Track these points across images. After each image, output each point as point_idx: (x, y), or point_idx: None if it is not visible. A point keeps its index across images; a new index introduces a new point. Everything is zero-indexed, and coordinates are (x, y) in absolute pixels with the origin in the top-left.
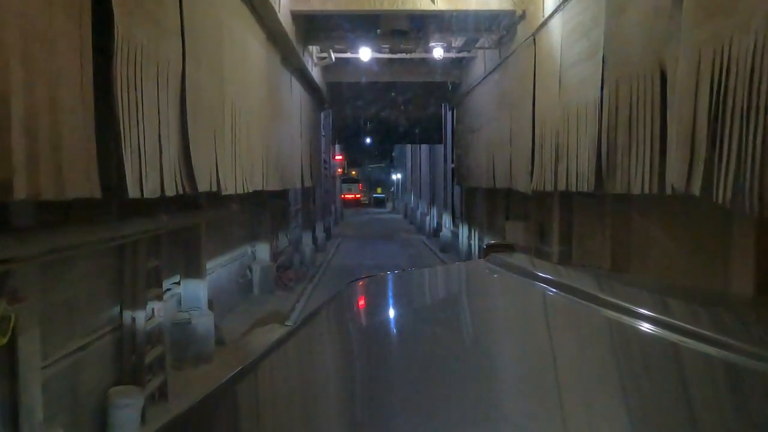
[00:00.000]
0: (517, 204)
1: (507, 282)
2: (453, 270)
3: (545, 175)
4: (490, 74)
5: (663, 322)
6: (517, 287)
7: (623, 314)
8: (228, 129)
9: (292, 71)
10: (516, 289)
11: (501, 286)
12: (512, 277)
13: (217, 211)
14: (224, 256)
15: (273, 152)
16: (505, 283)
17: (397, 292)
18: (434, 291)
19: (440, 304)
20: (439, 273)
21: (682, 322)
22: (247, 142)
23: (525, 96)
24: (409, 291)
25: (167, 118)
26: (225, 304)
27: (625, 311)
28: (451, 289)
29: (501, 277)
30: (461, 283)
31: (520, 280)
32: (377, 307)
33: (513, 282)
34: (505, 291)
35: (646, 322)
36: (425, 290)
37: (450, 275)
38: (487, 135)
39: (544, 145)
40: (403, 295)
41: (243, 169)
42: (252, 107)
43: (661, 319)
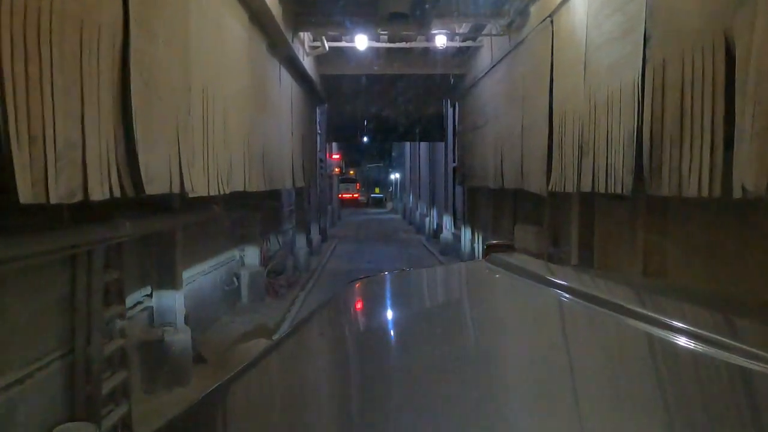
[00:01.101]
0: (526, 206)
1: (507, 282)
2: (453, 270)
3: (565, 175)
4: (498, 64)
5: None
6: (518, 287)
7: (623, 314)
8: (198, 119)
9: (281, 60)
10: (516, 289)
11: (501, 286)
12: (512, 277)
13: (196, 214)
14: (207, 263)
15: (257, 148)
16: (505, 283)
17: (396, 293)
18: (434, 291)
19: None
20: (439, 273)
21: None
22: (224, 136)
23: (540, 85)
24: (408, 291)
25: (96, 98)
26: (208, 315)
27: (625, 311)
28: (451, 289)
29: (501, 277)
30: (461, 283)
31: (520, 280)
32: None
33: (513, 282)
34: (506, 291)
35: (646, 323)
36: (425, 290)
37: (450, 275)
38: (495, 131)
39: (564, 140)
40: (402, 296)
41: (219, 167)
42: (231, 96)
43: (661, 319)
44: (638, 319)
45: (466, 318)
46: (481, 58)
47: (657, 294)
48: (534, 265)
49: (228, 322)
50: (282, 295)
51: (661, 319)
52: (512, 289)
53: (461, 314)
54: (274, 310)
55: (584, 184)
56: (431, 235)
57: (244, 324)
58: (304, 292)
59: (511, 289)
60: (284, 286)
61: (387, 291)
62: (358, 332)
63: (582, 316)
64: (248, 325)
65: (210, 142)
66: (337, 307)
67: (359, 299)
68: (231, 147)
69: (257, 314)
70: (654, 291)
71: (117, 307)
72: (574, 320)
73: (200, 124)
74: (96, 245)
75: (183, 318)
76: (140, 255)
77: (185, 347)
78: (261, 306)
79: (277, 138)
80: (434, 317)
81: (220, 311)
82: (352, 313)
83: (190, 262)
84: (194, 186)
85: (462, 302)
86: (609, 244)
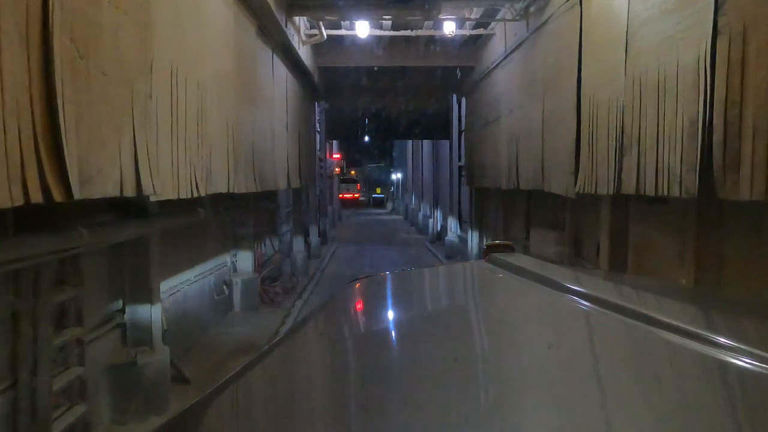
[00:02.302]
0: (542, 208)
1: (507, 282)
2: (453, 270)
3: (598, 174)
4: (512, 52)
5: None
6: (518, 287)
7: (623, 314)
8: (164, 105)
9: (273, 48)
10: (516, 289)
11: (501, 286)
12: (512, 277)
13: (177, 218)
14: (193, 271)
15: (245, 145)
16: (505, 283)
17: (396, 292)
18: (434, 291)
19: (440, 304)
20: (438, 273)
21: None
22: (201, 128)
23: (566, 73)
24: (408, 291)
25: None
26: (195, 328)
27: (626, 311)
28: (450, 289)
29: (501, 277)
30: (461, 283)
31: (520, 280)
32: (377, 307)
33: (513, 282)
34: (505, 291)
35: (646, 323)
36: (425, 290)
37: (450, 275)
38: (509, 126)
39: (596, 133)
40: (402, 295)
41: (194, 165)
42: (211, 82)
43: (661, 319)
44: (638, 320)
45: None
46: (492, 48)
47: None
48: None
49: (218, 335)
50: (278, 303)
51: (661, 319)
52: (512, 289)
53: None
54: (269, 320)
55: (626, 185)
56: (435, 237)
57: (239, 335)
58: (302, 300)
59: (510, 289)
60: (280, 293)
61: (387, 291)
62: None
63: (582, 316)
64: (243, 337)
65: (181, 135)
66: (337, 307)
67: (359, 299)
68: (211, 142)
69: (250, 325)
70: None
71: (74, 330)
72: (573, 320)
73: (167, 111)
74: (43, 259)
75: (160, 335)
76: (110, 266)
77: (162, 369)
78: (254, 315)
79: (269, 134)
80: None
81: (209, 323)
82: (351, 313)
83: (174, 270)
84: (157, 187)
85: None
86: (647, 253)
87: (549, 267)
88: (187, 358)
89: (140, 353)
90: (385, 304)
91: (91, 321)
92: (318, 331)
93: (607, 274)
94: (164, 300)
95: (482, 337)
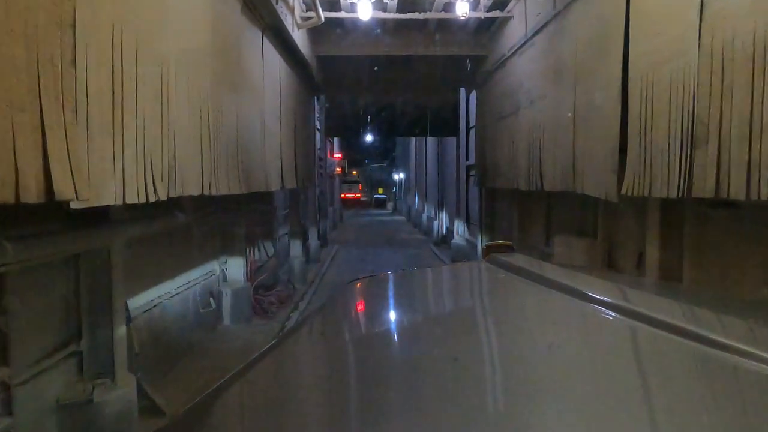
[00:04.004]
0: (565, 211)
1: (507, 282)
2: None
3: (653, 173)
4: (535, 35)
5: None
6: (518, 288)
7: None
8: (99, 79)
9: (263, 30)
10: (516, 290)
11: (501, 286)
12: (512, 278)
13: (145, 225)
14: (174, 282)
15: (227, 139)
16: (505, 283)
17: (397, 293)
18: (434, 291)
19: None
20: (438, 273)
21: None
22: (163, 114)
23: (607, 53)
24: (408, 291)
25: None
26: (176, 347)
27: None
28: (450, 290)
29: (501, 277)
30: (461, 283)
31: (520, 281)
32: (377, 307)
33: (513, 282)
34: (506, 291)
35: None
36: (425, 290)
37: (450, 275)
38: (529, 120)
39: (652, 123)
40: (402, 296)
41: (152, 162)
42: (178, 58)
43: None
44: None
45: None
46: (509, 33)
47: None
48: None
49: (203, 353)
50: (272, 315)
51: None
52: (512, 289)
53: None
54: (261, 334)
55: (698, 186)
56: (440, 240)
57: (227, 352)
58: (298, 311)
59: (510, 290)
60: (275, 303)
61: (387, 291)
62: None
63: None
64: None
65: (130, 121)
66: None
67: (359, 299)
68: (177, 132)
69: (240, 340)
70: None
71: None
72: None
73: (105, 88)
74: None
75: (126, 362)
76: (62, 284)
77: (127, 404)
78: (246, 329)
79: (258, 128)
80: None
81: (194, 340)
82: (351, 313)
83: (149, 283)
84: (82, 191)
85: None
86: (711, 266)
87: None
88: (165, 383)
89: (99, 387)
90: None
91: (32, 354)
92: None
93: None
94: (137, 318)
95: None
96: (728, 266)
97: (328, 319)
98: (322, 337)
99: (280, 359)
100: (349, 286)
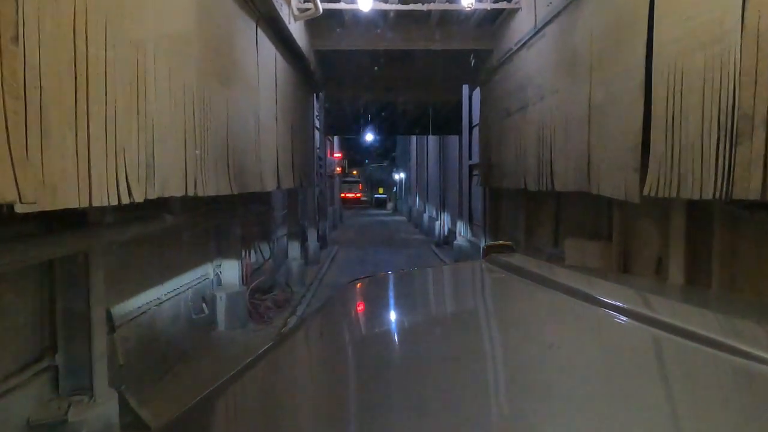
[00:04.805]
0: (575, 212)
1: (507, 282)
2: (452, 270)
3: (682, 170)
4: (545, 27)
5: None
6: (517, 288)
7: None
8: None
9: (258, 19)
10: (516, 290)
11: (501, 286)
12: (512, 278)
13: (128, 228)
14: (164, 287)
15: (216, 135)
16: (504, 283)
17: (396, 293)
18: (434, 291)
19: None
20: (438, 273)
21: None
22: (139, 106)
23: (628, 41)
24: (408, 291)
25: None
26: (166, 355)
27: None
28: (450, 290)
29: (501, 277)
30: (461, 283)
31: (519, 281)
32: (376, 307)
33: (513, 282)
34: (505, 291)
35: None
36: (425, 290)
37: (449, 275)
38: (538, 117)
39: (682, 116)
40: (402, 296)
41: (126, 160)
42: (158, 44)
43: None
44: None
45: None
46: (516, 26)
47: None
48: (533, 265)
49: (196, 360)
50: (269, 320)
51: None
52: (511, 289)
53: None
54: (256, 340)
55: (740, 186)
56: (442, 240)
57: (221, 360)
58: (296, 316)
59: (510, 290)
60: (272, 307)
61: (387, 291)
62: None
63: (581, 317)
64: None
65: (96, 112)
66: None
67: (359, 299)
68: (157, 127)
69: (235, 346)
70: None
71: None
72: (573, 321)
73: (67, 72)
74: None
75: (106, 376)
76: (33, 293)
77: (106, 423)
78: (242, 335)
79: (252, 124)
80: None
81: (186, 347)
82: (351, 313)
83: (136, 289)
84: (27, 192)
85: (461, 302)
86: (745, 273)
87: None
88: (153, 395)
89: (75, 405)
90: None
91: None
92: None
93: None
94: (122, 327)
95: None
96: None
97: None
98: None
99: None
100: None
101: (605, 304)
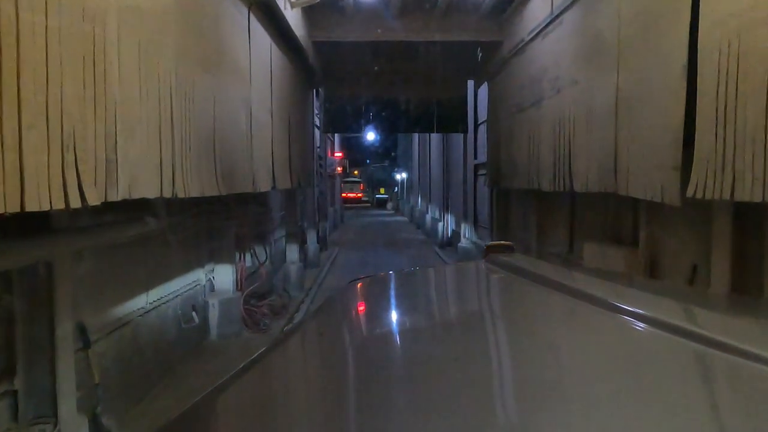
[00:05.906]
0: (593, 215)
1: (507, 283)
2: (453, 270)
3: (737, 168)
4: (563, 13)
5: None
6: (517, 288)
7: (623, 315)
8: None
9: (250, 6)
10: (516, 290)
11: (501, 286)
12: (512, 278)
13: (101, 234)
14: (148, 296)
15: (201, 129)
16: (504, 283)
17: (397, 293)
18: (434, 291)
19: (440, 304)
20: (438, 273)
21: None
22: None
23: (666, 22)
24: (408, 291)
25: None
26: (152, 368)
27: (625, 312)
28: (450, 290)
29: (501, 277)
30: (461, 283)
31: (519, 281)
32: (376, 307)
33: (513, 283)
34: (505, 292)
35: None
36: (425, 290)
37: (450, 275)
38: (556, 111)
39: (737, 105)
40: (402, 296)
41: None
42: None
43: (661, 320)
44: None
45: (466, 318)
46: (529, 14)
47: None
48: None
49: (184, 372)
50: (265, 327)
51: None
52: (511, 289)
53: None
54: (250, 350)
55: None
56: (445, 242)
57: (207, 372)
58: (293, 323)
59: (510, 290)
60: (267, 314)
61: (386, 291)
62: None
63: (581, 317)
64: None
65: (33, 93)
66: (337, 307)
67: (359, 299)
68: (124, 116)
69: (227, 357)
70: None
71: None
72: (573, 321)
73: None
74: None
75: (74, 399)
76: None
77: None
78: (236, 343)
79: (243, 119)
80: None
81: (174, 359)
82: (351, 313)
83: (117, 299)
84: None
85: (461, 302)
86: None
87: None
88: (136, 414)
89: None
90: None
91: None
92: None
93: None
94: (99, 342)
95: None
96: None
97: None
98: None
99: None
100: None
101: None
